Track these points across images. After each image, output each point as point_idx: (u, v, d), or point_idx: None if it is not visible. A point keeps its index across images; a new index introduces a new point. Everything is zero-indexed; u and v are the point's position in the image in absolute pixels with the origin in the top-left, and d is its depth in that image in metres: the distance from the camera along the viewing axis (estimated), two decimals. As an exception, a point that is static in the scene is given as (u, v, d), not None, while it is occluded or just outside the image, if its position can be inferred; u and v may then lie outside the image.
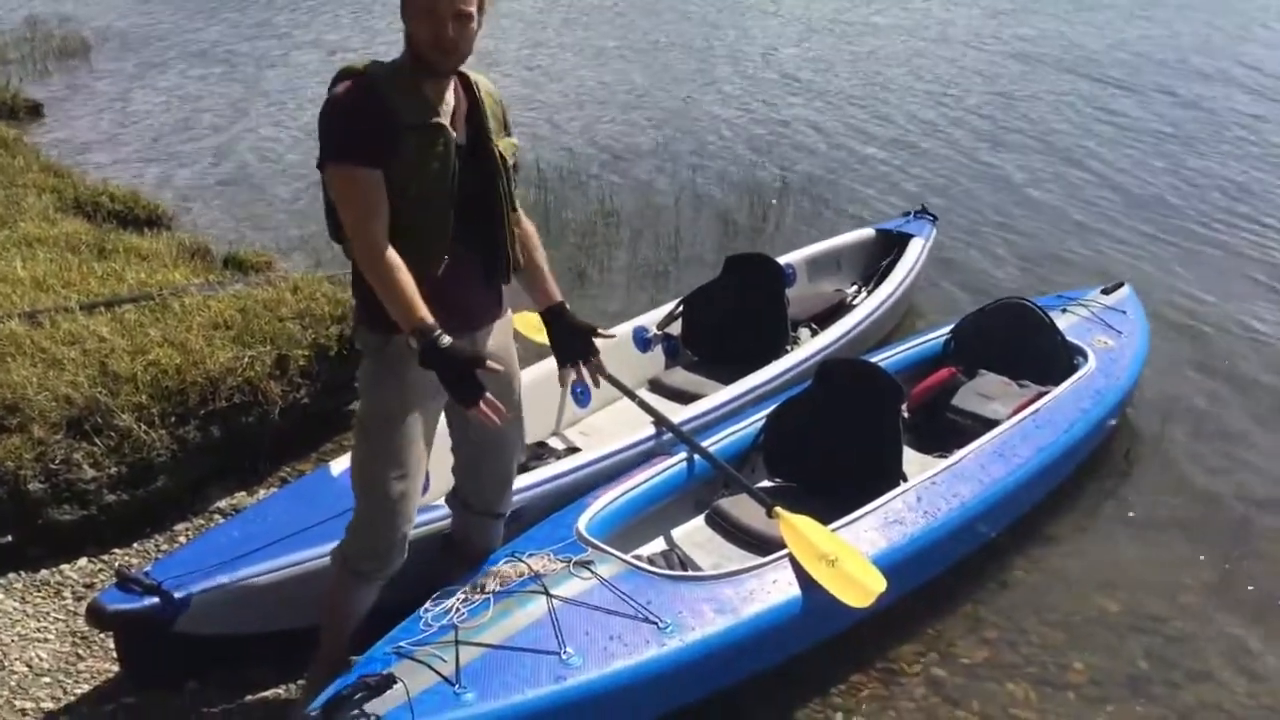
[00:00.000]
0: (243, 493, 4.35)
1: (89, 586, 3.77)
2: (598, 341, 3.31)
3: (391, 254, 2.70)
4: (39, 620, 3.60)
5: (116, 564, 3.84)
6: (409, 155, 2.73)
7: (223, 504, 4.27)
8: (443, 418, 3.13)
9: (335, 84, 2.76)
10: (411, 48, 2.78)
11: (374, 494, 2.96)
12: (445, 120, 2.80)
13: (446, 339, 2.67)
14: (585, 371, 3.35)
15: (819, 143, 9.86)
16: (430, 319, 2.67)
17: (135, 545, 4.01)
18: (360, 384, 3.04)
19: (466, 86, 2.91)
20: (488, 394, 2.72)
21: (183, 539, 4.04)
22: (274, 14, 15.17)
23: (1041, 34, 14.92)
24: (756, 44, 14.03)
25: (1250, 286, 6.90)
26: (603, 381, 4.51)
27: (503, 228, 2.95)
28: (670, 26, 15.02)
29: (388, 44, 12.82)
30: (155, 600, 3.13)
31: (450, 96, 2.85)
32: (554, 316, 3.26)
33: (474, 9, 2.74)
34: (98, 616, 3.14)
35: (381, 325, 2.83)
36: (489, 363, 2.74)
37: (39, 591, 3.74)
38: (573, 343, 3.29)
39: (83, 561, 3.89)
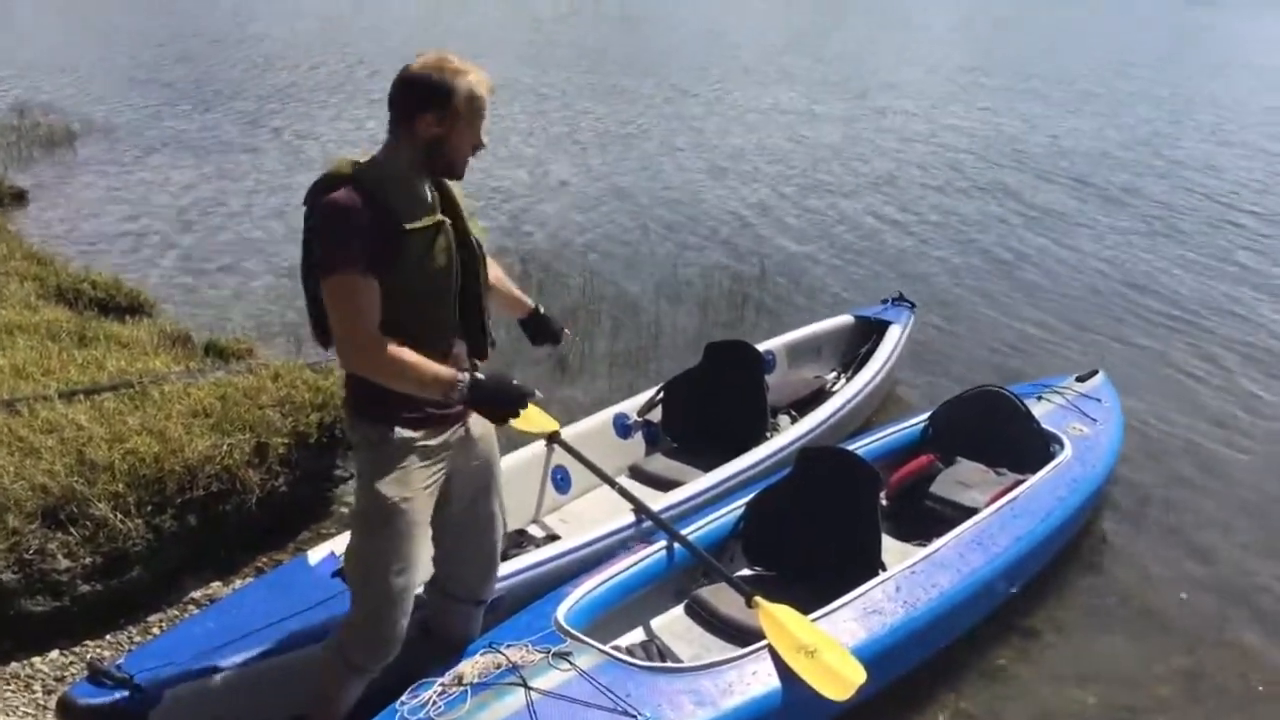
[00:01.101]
0: (218, 582, 4.30)
1: (60, 680, 3.71)
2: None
3: (391, 344, 2.74)
4: (8, 715, 3.53)
5: (88, 656, 3.79)
6: (413, 256, 2.78)
7: (197, 594, 4.22)
8: None
9: (325, 190, 2.75)
10: (435, 152, 2.82)
11: (375, 587, 2.96)
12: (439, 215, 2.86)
13: (477, 374, 2.86)
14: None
15: (797, 231, 10.00)
16: (450, 370, 2.82)
17: (108, 637, 3.95)
18: (358, 478, 3.05)
19: (437, 179, 2.98)
20: (529, 392, 2.89)
21: (156, 630, 3.99)
22: (256, 104, 15.35)
23: (1007, 126, 15.32)
24: (732, 134, 14.29)
25: (1223, 374, 7.00)
26: (583, 468, 4.59)
27: (484, 310, 3.03)
28: (645, 120, 15.28)
29: (360, 132, 13.05)
30: (127, 694, 3.09)
31: (429, 191, 2.91)
32: (533, 320, 3.55)
33: None
34: (68, 711, 3.10)
35: (381, 418, 2.89)
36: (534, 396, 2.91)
37: (9, 685, 3.68)
38: (545, 336, 3.59)
39: (54, 654, 3.83)
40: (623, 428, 5.19)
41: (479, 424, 3.11)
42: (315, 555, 3.79)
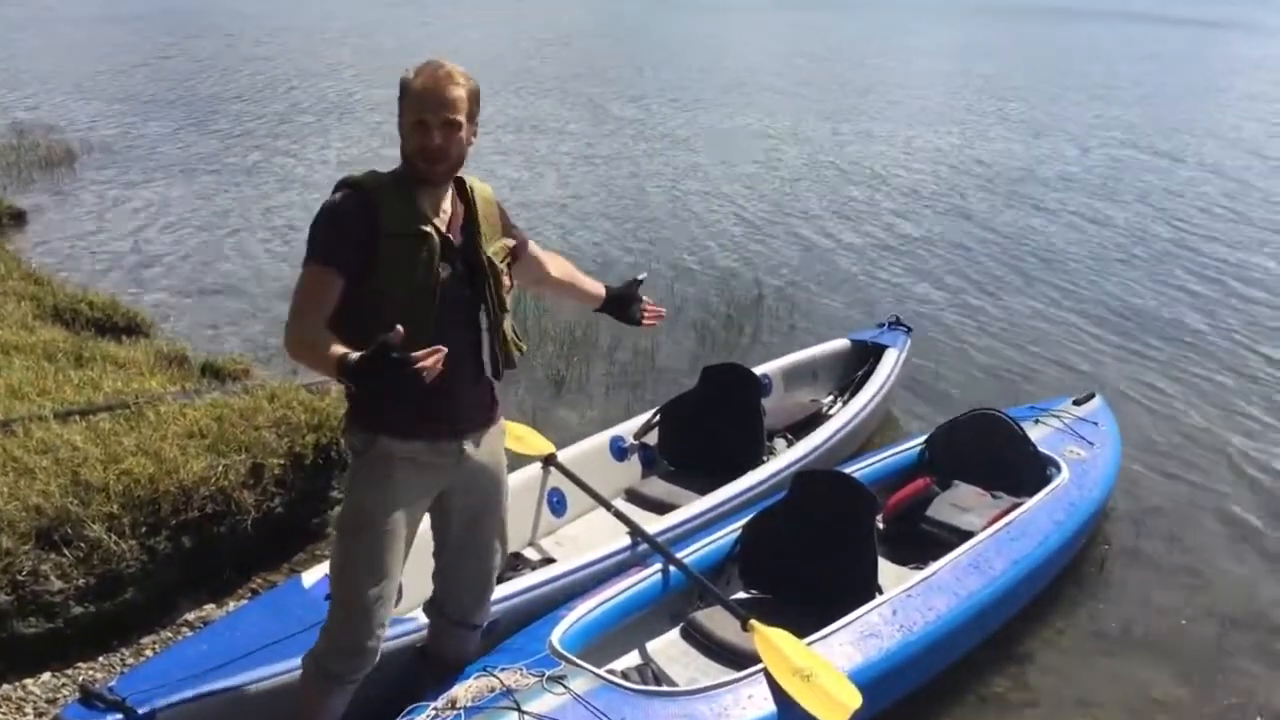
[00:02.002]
0: (212, 604, 4.28)
1: (52, 702, 3.69)
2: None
3: (318, 333, 2.76)
4: (-1, 737, 3.52)
5: (81, 678, 3.76)
6: (392, 262, 2.81)
7: (191, 616, 4.21)
8: (426, 520, 3.14)
9: (334, 192, 2.88)
10: (404, 157, 2.88)
11: (350, 594, 2.97)
12: (439, 227, 2.88)
13: (354, 354, 2.58)
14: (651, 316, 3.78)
15: (793, 255, 10.02)
16: (342, 348, 2.62)
17: (101, 659, 3.93)
18: (346, 485, 3.06)
19: (463, 192, 2.99)
20: (411, 356, 2.51)
21: (149, 652, 3.97)
22: (255, 126, 15.40)
23: (1003, 152, 15.35)
24: (727, 158, 14.32)
25: (1220, 398, 7.00)
26: (579, 491, 4.58)
27: (489, 329, 3.02)
28: (638, 142, 15.33)
29: (362, 153, 13.09)
30: (120, 716, 3.06)
31: (448, 204, 2.94)
32: (609, 303, 3.70)
33: (462, 117, 2.84)
34: (60, 734, 3.08)
35: (367, 425, 2.91)
36: (396, 328, 2.53)
37: (0, 707, 3.66)
38: (629, 309, 3.76)
39: (46, 676, 3.80)
40: (619, 450, 5.18)
41: (489, 445, 3.12)
42: (310, 577, 3.78)
